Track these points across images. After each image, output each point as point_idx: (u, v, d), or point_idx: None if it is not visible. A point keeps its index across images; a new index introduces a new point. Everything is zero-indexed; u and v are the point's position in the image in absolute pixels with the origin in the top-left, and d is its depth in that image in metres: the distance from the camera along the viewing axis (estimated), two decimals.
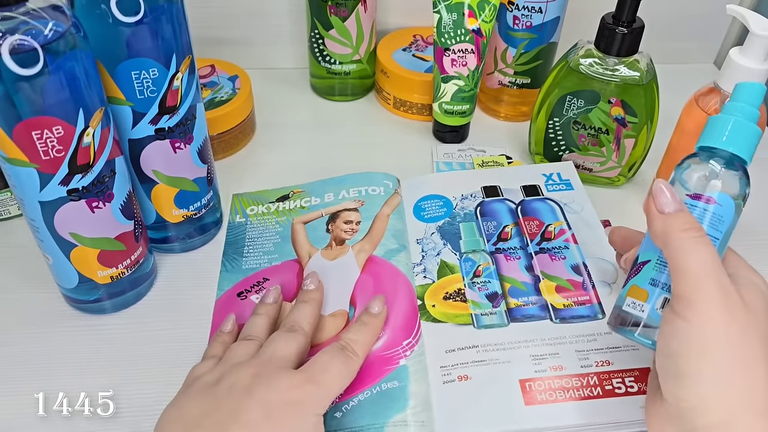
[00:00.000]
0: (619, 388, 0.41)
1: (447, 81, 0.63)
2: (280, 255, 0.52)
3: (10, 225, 0.56)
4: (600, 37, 0.55)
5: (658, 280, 0.36)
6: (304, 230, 0.53)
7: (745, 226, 0.59)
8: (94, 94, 0.39)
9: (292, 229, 0.54)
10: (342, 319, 0.46)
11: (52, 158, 0.38)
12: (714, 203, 0.36)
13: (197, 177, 0.50)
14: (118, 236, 0.45)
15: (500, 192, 0.56)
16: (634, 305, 0.37)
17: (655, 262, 0.36)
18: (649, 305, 0.36)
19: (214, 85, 0.65)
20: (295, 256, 0.51)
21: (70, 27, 0.37)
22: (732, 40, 0.80)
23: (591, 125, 0.58)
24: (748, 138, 0.36)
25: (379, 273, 0.49)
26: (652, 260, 0.37)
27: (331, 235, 0.52)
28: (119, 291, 0.48)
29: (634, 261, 0.38)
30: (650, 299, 0.36)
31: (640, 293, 0.37)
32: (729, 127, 0.36)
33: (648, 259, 0.37)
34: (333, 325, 0.46)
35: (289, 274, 0.50)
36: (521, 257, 0.50)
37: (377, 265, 0.49)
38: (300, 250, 0.52)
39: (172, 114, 0.46)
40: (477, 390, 0.42)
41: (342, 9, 0.65)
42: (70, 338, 0.47)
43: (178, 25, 0.43)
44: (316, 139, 0.68)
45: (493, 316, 0.46)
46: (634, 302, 0.37)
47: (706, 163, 0.37)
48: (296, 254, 0.51)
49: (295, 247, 0.52)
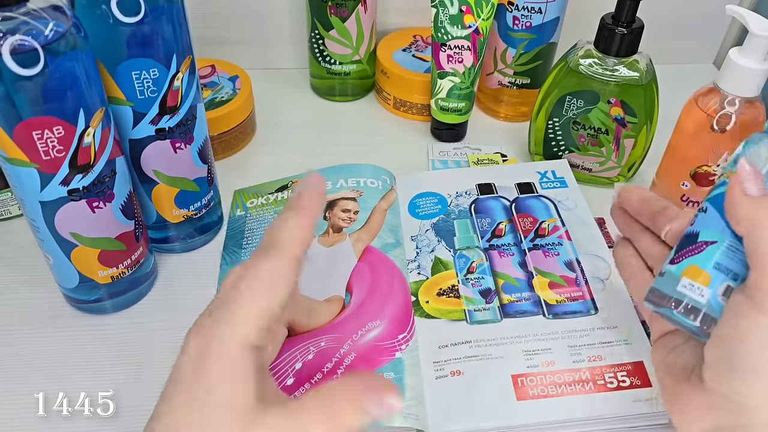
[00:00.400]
0: (611, 382, 0.42)
1: (443, 77, 0.63)
2: None
3: (11, 225, 0.56)
4: (599, 37, 0.55)
5: (725, 266, 0.33)
6: None
7: None
8: (94, 95, 0.39)
9: None
10: (338, 304, 0.46)
11: (52, 158, 0.38)
12: None
13: (198, 177, 0.51)
14: (118, 236, 0.45)
15: (495, 189, 0.57)
16: (692, 287, 0.33)
17: (726, 246, 0.33)
18: (710, 291, 0.32)
19: (214, 86, 0.65)
20: None
21: (70, 27, 0.37)
22: (731, 41, 0.80)
23: (590, 125, 0.58)
24: None
25: (376, 264, 0.49)
26: (720, 242, 0.33)
27: (329, 222, 0.53)
28: (120, 291, 0.48)
29: (687, 236, 0.34)
30: (712, 284, 0.33)
31: (700, 275, 0.33)
32: None
33: (714, 239, 0.33)
34: (328, 310, 0.46)
35: None
36: (515, 254, 0.51)
37: (374, 256, 0.50)
38: None
39: (173, 114, 0.46)
40: (470, 385, 0.42)
41: (342, 9, 0.65)
42: (70, 338, 0.47)
43: (179, 26, 0.43)
44: (316, 140, 0.68)
45: (486, 312, 0.47)
46: (692, 284, 0.33)
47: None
48: None
49: None
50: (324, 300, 0.47)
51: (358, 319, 0.45)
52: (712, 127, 0.50)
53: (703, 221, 0.34)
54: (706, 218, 0.34)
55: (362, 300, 0.46)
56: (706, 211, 0.34)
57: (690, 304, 0.33)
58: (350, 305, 0.46)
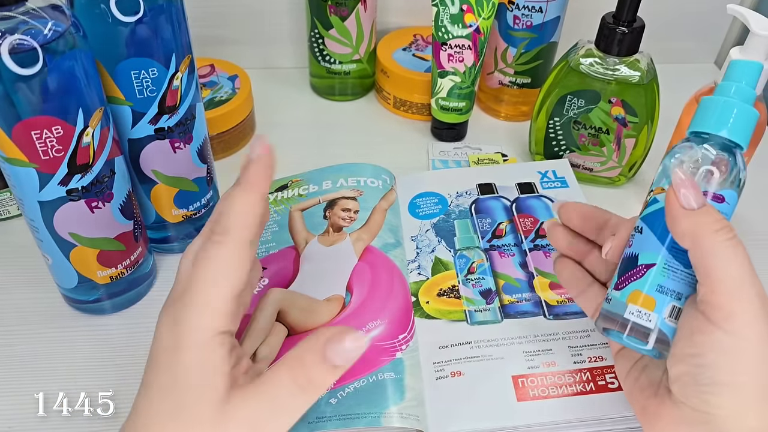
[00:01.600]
0: (612, 383, 0.42)
1: (443, 76, 0.63)
2: (277, 243, 0.52)
3: (10, 225, 0.56)
4: (600, 36, 0.55)
5: (668, 288, 0.33)
6: (302, 217, 0.53)
7: (746, 226, 0.59)
8: (93, 94, 0.39)
9: (290, 216, 0.54)
10: (337, 304, 0.46)
11: (51, 158, 0.38)
12: (723, 201, 0.33)
13: (197, 177, 0.50)
14: (117, 236, 0.45)
15: (495, 189, 0.57)
16: (639, 314, 0.33)
17: (665, 267, 0.33)
18: (657, 315, 0.32)
19: (213, 85, 0.65)
20: (292, 243, 0.51)
21: (69, 27, 0.37)
22: (732, 40, 0.80)
23: (591, 125, 0.58)
24: (748, 124, 0.33)
25: (376, 263, 0.49)
26: (659, 264, 0.33)
27: (329, 222, 0.52)
28: (119, 291, 0.48)
29: (627, 259, 0.34)
30: (658, 308, 0.33)
31: (645, 301, 0.33)
32: (734, 113, 0.32)
33: (653, 261, 0.33)
34: (328, 310, 0.46)
35: (286, 260, 0.50)
36: (515, 254, 0.51)
37: (375, 256, 0.50)
38: (297, 236, 0.52)
39: (172, 114, 0.45)
40: (470, 386, 0.42)
41: (342, 8, 0.65)
42: (70, 339, 0.47)
43: (178, 25, 0.43)
44: (316, 139, 0.68)
45: (486, 313, 0.47)
46: (639, 311, 0.33)
47: (707, 154, 0.33)
48: (293, 241, 0.52)
49: (292, 233, 0.52)
50: (324, 299, 0.46)
51: (358, 318, 0.45)
52: None
53: (640, 243, 0.34)
54: (643, 239, 0.34)
55: (362, 300, 0.46)
56: (641, 231, 0.34)
57: (640, 329, 0.33)
58: (350, 305, 0.46)
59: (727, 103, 0.33)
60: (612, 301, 0.35)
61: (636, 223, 0.35)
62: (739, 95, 0.33)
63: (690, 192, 0.31)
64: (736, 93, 0.33)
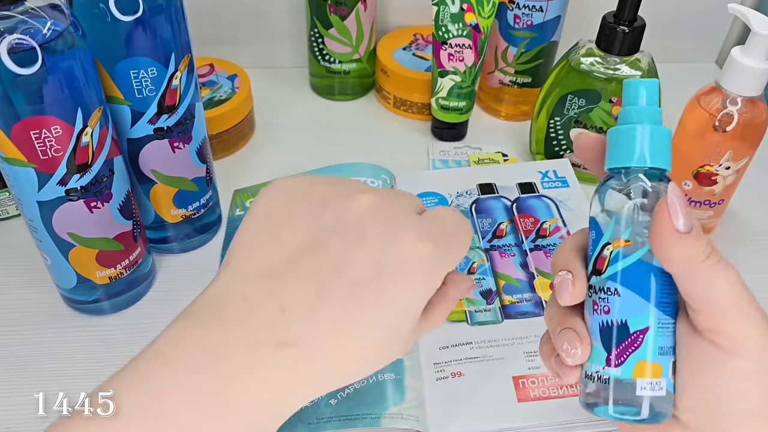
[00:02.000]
0: None
1: (444, 76, 0.63)
2: None
3: (9, 225, 0.56)
4: (601, 36, 0.55)
5: (666, 347, 0.30)
6: None
7: (747, 226, 0.59)
8: (92, 94, 0.39)
9: None
10: None
11: (50, 158, 0.38)
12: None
13: (196, 177, 0.50)
14: (116, 236, 0.45)
15: (496, 189, 0.56)
16: (652, 385, 0.29)
17: (659, 327, 0.29)
18: (665, 379, 0.29)
19: (213, 84, 0.65)
20: None
21: (68, 26, 0.37)
22: (733, 39, 0.80)
23: (592, 125, 0.58)
24: (665, 144, 0.30)
25: None
26: (652, 325, 0.29)
27: None
28: (118, 291, 0.48)
29: (615, 329, 0.30)
30: (665, 372, 0.30)
31: (653, 370, 0.29)
32: (649, 139, 0.29)
33: (646, 325, 0.29)
34: None
35: None
36: (516, 254, 0.51)
37: None
38: None
39: (171, 113, 0.45)
40: (470, 387, 0.42)
41: (342, 8, 0.65)
42: (69, 339, 0.47)
43: (177, 24, 0.43)
44: (315, 139, 0.68)
45: (487, 313, 0.46)
46: (651, 382, 0.29)
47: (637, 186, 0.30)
48: None
49: None
50: None
51: None
52: (714, 126, 0.50)
53: (622, 307, 0.30)
54: (625, 302, 0.30)
55: None
56: (617, 293, 0.30)
57: (654, 403, 0.29)
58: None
59: (639, 131, 0.29)
60: (612, 381, 0.30)
61: (604, 286, 0.30)
62: (647, 118, 0.30)
63: (682, 214, 0.28)
64: (642, 116, 0.30)
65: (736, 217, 0.59)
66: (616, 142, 0.30)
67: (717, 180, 0.52)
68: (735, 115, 0.49)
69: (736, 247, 0.57)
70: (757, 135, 0.50)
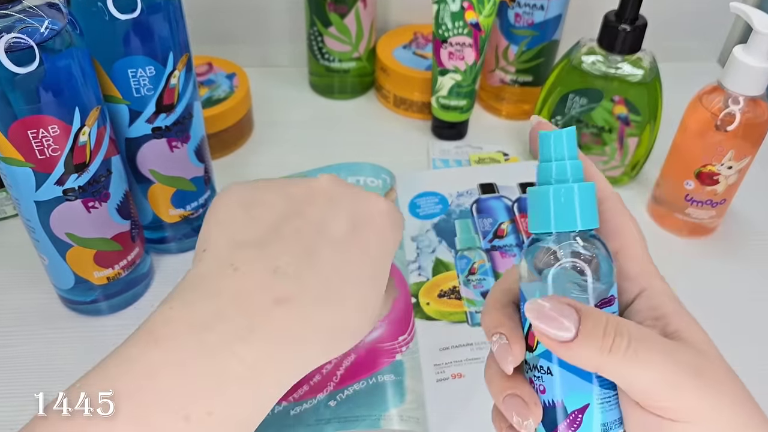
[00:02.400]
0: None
1: (444, 74, 0.63)
2: None
3: (6, 225, 0.56)
4: (603, 34, 0.54)
5: (609, 421, 0.27)
6: None
7: (747, 226, 0.58)
8: (90, 93, 0.39)
9: None
10: None
11: (47, 157, 0.38)
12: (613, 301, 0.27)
13: (194, 176, 0.50)
14: (114, 236, 0.45)
15: (496, 189, 0.56)
16: None
17: (599, 403, 0.26)
18: None
19: (211, 83, 0.64)
20: None
21: (66, 25, 0.36)
22: (735, 38, 0.79)
23: (594, 124, 0.58)
24: (590, 201, 0.27)
25: None
26: (592, 403, 0.26)
27: None
28: (116, 292, 0.48)
29: (552, 410, 0.27)
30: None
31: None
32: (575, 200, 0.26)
33: (585, 403, 0.26)
34: None
35: None
36: (517, 254, 0.50)
37: None
38: None
39: (169, 112, 0.45)
40: (471, 388, 0.42)
41: (341, 6, 0.65)
42: (68, 339, 0.47)
43: (175, 23, 0.43)
44: (314, 138, 0.67)
45: None
46: None
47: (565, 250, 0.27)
48: None
49: None
50: None
51: None
52: (716, 126, 0.49)
53: (558, 386, 0.27)
54: (560, 381, 0.27)
55: None
56: (551, 372, 0.27)
57: None
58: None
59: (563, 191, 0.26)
60: None
61: (536, 364, 0.27)
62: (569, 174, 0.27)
63: (557, 326, 0.25)
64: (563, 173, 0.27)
65: (738, 217, 0.59)
66: (537, 205, 0.27)
67: (719, 180, 0.52)
68: (737, 114, 0.49)
69: (738, 247, 0.56)
70: (759, 134, 0.50)
